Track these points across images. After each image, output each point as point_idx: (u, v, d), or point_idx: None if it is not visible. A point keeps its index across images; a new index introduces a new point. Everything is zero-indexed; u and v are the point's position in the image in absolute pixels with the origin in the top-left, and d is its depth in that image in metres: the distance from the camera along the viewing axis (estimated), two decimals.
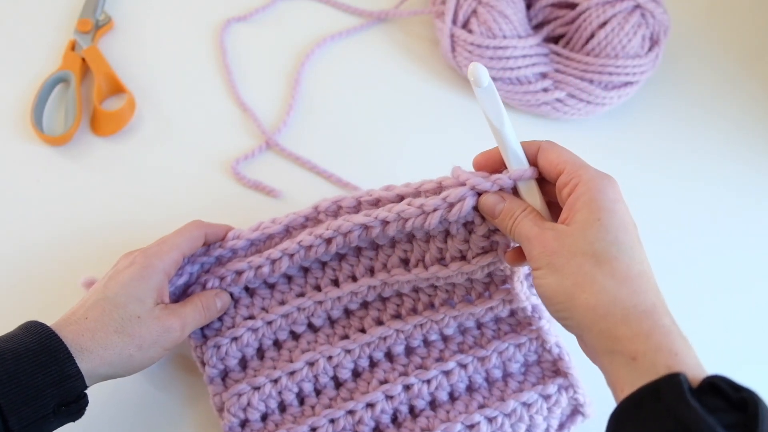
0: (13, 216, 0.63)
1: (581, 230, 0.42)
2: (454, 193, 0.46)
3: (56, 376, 0.43)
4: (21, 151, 0.66)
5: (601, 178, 0.44)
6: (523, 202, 0.46)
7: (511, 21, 0.68)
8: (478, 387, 0.54)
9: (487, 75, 0.45)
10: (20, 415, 0.41)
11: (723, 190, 0.69)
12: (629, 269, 0.41)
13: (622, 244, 0.41)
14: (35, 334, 0.44)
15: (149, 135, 0.68)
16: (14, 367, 0.42)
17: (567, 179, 0.44)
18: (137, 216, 0.64)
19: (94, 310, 0.47)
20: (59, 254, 0.61)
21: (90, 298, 0.48)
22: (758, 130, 0.73)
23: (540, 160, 0.46)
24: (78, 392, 0.44)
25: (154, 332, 0.48)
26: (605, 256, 0.41)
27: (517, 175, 0.46)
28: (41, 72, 0.70)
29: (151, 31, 0.74)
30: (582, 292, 0.41)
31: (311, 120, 0.70)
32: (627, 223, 0.42)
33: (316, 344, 0.55)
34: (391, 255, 0.53)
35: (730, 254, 0.66)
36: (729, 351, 0.61)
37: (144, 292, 0.48)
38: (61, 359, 0.43)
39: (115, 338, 0.46)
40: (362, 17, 0.77)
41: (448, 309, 0.54)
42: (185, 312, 0.51)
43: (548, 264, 0.42)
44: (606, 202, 0.42)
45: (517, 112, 0.72)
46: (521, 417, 0.52)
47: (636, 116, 0.73)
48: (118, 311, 0.47)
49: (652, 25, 0.68)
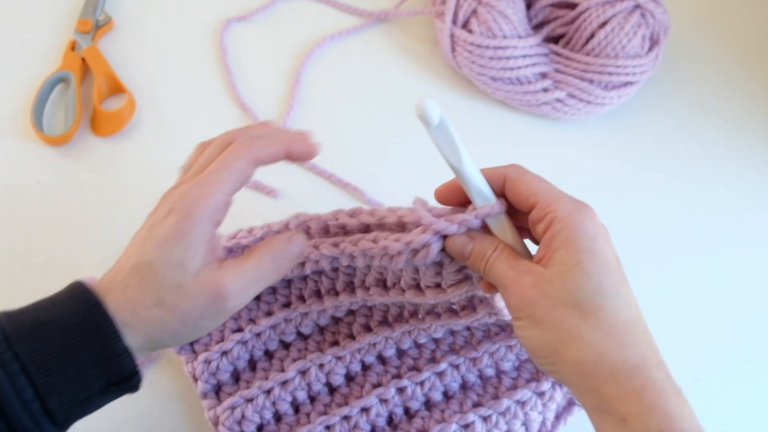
0: (13, 216, 0.63)
1: (560, 276, 0.38)
2: (417, 239, 0.43)
3: (100, 353, 0.38)
4: (21, 151, 0.66)
5: (578, 210, 0.40)
6: (494, 240, 0.42)
7: (511, 21, 0.68)
8: (472, 385, 0.54)
9: (437, 112, 0.41)
10: (62, 398, 0.37)
11: (723, 189, 0.69)
12: (615, 319, 0.38)
13: (607, 291, 0.38)
14: (78, 303, 0.39)
15: (149, 135, 0.68)
16: (52, 344, 0.37)
17: (541, 214, 0.40)
18: (137, 216, 0.63)
19: (133, 277, 0.40)
20: (59, 254, 0.61)
21: (130, 258, 0.41)
22: (758, 130, 0.73)
23: (508, 192, 0.43)
24: (127, 371, 0.39)
25: (199, 303, 0.40)
26: (589, 307, 0.38)
27: (484, 213, 0.42)
28: (41, 72, 0.70)
29: (151, 31, 0.74)
30: (567, 349, 0.38)
31: (311, 120, 0.70)
32: (610, 263, 0.39)
33: (307, 352, 0.54)
34: (368, 274, 0.51)
35: (730, 254, 0.66)
36: (728, 351, 0.61)
37: (183, 253, 0.39)
38: (105, 335, 0.38)
39: (156, 312, 0.39)
40: (362, 17, 0.77)
41: (434, 318, 0.52)
42: (244, 271, 0.41)
43: (528, 316, 0.39)
44: (585, 241, 0.39)
45: (517, 112, 0.72)
46: (516, 414, 0.52)
47: (636, 116, 0.73)
48: (155, 280, 0.39)
49: (652, 25, 0.68)
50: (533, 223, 0.41)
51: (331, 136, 0.70)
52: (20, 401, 0.36)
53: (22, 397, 0.36)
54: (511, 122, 0.71)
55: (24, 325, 0.37)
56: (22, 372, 0.36)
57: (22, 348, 0.36)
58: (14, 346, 0.36)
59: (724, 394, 0.60)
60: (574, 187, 0.68)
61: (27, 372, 0.36)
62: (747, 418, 0.59)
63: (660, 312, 0.62)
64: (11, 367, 0.36)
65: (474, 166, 0.42)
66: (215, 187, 0.40)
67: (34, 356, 0.36)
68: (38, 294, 0.60)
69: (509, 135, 0.71)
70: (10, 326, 0.37)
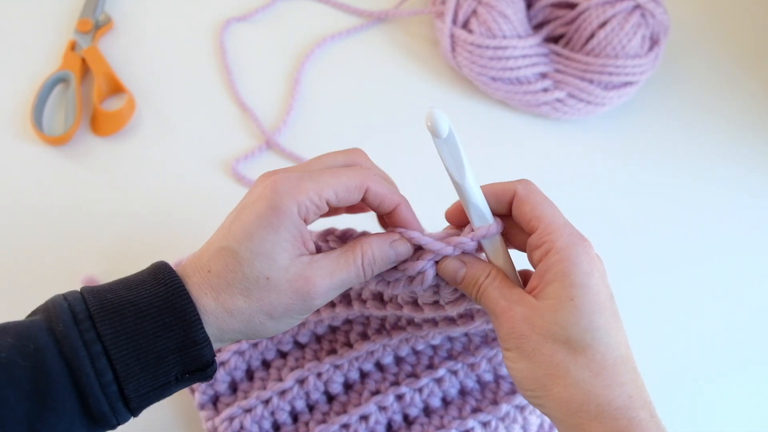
0: (13, 216, 0.63)
1: (552, 311, 0.38)
2: (412, 266, 0.42)
3: (180, 340, 0.37)
4: (21, 151, 0.66)
5: (575, 244, 0.39)
6: (486, 265, 0.42)
7: (511, 21, 0.68)
8: (471, 390, 0.54)
9: (447, 123, 0.40)
10: (139, 382, 0.36)
11: (723, 189, 0.69)
12: (605, 358, 0.38)
13: (598, 329, 0.38)
14: (162, 285, 0.38)
15: (149, 135, 0.68)
16: (134, 327, 0.36)
17: (539, 241, 0.40)
18: (137, 216, 0.64)
19: (217, 262, 0.38)
20: (59, 254, 0.61)
21: (216, 241, 0.39)
22: (758, 130, 0.73)
23: (514, 210, 0.42)
24: (205, 360, 0.38)
25: (286, 299, 0.39)
26: (579, 345, 0.38)
27: (480, 235, 0.41)
28: (41, 72, 0.70)
29: (151, 31, 0.74)
30: (554, 384, 0.38)
31: (311, 119, 0.70)
32: (603, 301, 0.38)
33: (304, 360, 0.54)
34: (365, 287, 0.50)
35: (730, 253, 0.66)
36: (728, 351, 0.61)
37: (273, 245, 0.38)
38: (187, 322, 0.37)
39: (240, 302, 0.38)
40: (362, 17, 0.77)
41: (431, 326, 0.51)
42: (334, 270, 0.40)
43: (517, 348, 0.39)
44: (580, 277, 0.38)
45: (517, 112, 0.72)
46: (515, 419, 0.52)
47: (636, 116, 0.73)
48: (242, 269, 0.38)
49: (652, 25, 0.68)
50: (530, 248, 0.41)
51: (332, 135, 0.70)
52: (99, 383, 0.35)
53: (101, 379, 0.36)
54: (511, 122, 0.71)
55: (108, 303, 0.37)
56: (103, 354, 0.36)
57: (106, 328, 0.36)
58: (98, 326, 0.36)
59: (725, 394, 0.60)
60: (574, 187, 0.68)
61: (108, 354, 0.36)
62: (747, 418, 0.59)
63: (660, 312, 0.63)
64: (94, 348, 0.36)
65: (476, 183, 0.41)
66: (313, 185, 0.39)
67: (117, 338, 0.36)
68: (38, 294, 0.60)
69: (509, 135, 0.71)
70: (96, 303, 0.37)
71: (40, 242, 0.62)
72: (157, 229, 0.63)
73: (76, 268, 0.60)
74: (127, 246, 0.62)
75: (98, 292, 0.38)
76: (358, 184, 0.40)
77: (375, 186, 0.41)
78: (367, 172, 0.41)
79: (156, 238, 0.57)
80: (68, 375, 0.35)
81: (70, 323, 0.36)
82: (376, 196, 0.41)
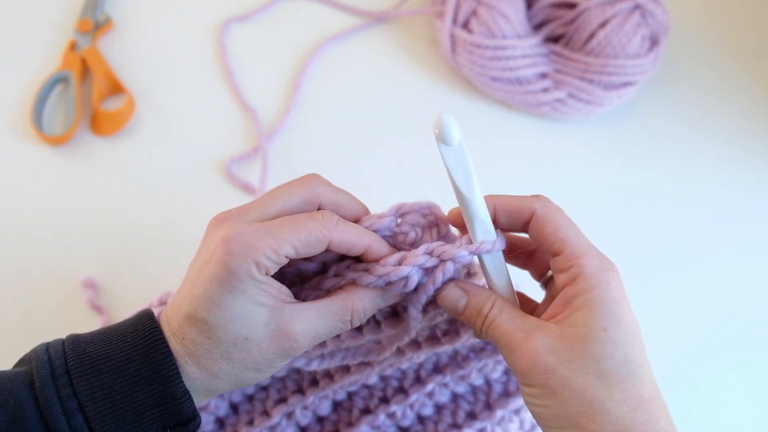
0: (13, 216, 0.63)
1: (582, 341, 0.35)
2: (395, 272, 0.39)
3: (159, 396, 0.36)
4: (21, 151, 0.66)
5: (605, 271, 0.37)
6: (490, 294, 0.39)
7: (511, 21, 0.68)
8: (463, 394, 0.53)
9: (458, 131, 0.37)
10: None
11: (723, 189, 0.69)
12: (640, 393, 0.36)
13: (632, 362, 0.36)
14: (142, 337, 0.37)
15: (149, 135, 0.68)
16: (111, 383, 0.36)
17: (565, 265, 0.37)
18: (137, 215, 0.64)
19: (190, 330, 0.37)
20: (59, 254, 0.61)
21: (182, 303, 0.37)
22: (758, 131, 0.73)
23: (532, 230, 0.39)
24: (185, 415, 0.37)
25: (269, 354, 0.37)
26: (614, 379, 0.35)
27: (485, 249, 0.39)
28: (41, 72, 0.70)
29: (151, 32, 0.74)
30: (590, 422, 0.35)
31: (311, 120, 0.70)
32: (633, 331, 0.36)
33: (287, 391, 0.52)
34: None
35: (729, 254, 0.66)
36: (727, 351, 0.61)
37: (243, 306, 0.36)
38: (165, 377, 0.36)
39: (224, 365, 0.37)
40: (362, 17, 0.77)
41: (415, 348, 0.48)
42: (318, 324, 0.38)
43: (542, 384, 0.36)
44: (613, 306, 0.36)
45: (517, 112, 0.72)
46: (511, 419, 0.52)
47: (636, 116, 0.73)
48: (217, 335, 0.36)
49: (652, 25, 0.68)
50: (555, 271, 0.38)
51: (332, 135, 0.70)
52: None
53: None
54: (511, 122, 0.71)
55: (87, 358, 0.37)
56: (79, 411, 0.35)
57: (83, 384, 0.36)
58: (74, 382, 0.36)
59: (722, 394, 0.60)
60: (574, 187, 0.68)
61: (83, 411, 0.35)
62: (746, 418, 0.59)
63: (660, 311, 0.62)
64: (69, 405, 0.35)
65: (482, 197, 0.39)
66: (270, 242, 0.36)
67: (93, 394, 0.36)
68: (38, 293, 0.61)
69: (509, 135, 0.71)
70: (74, 358, 0.37)
71: (40, 242, 0.62)
72: (157, 228, 0.63)
73: (75, 267, 0.60)
74: (126, 246, 0.62)
75: (79, 345, 0.37)
76: (319, 238, 0.37)
77: (339, 236, 0.38)
78: (329, 220, 0.38)
79: (156, 237, 0.57)
80: (45, 431, 0.35)
81: (47, 378, 0.36)
82: (341, 245, 0.38)
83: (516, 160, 0.69)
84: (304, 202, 0.39)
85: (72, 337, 0.38)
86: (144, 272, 0.61)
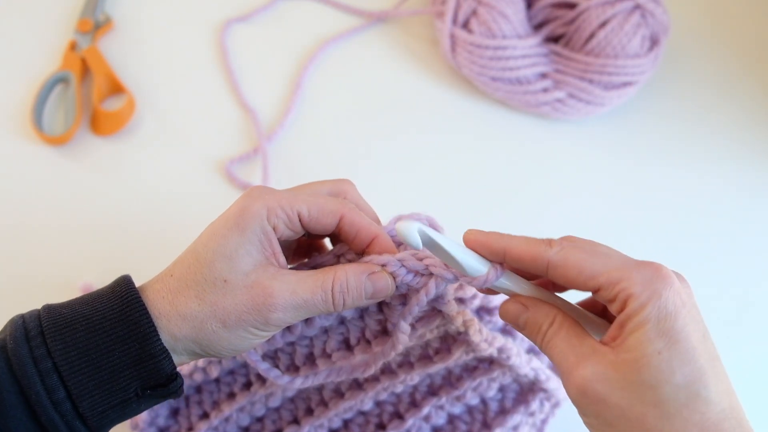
0: (13, 216, 0.63)
1: (636, 367, 0.32)
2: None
3: (136, 354, 0.35)
4: (21, 151, 0.66)
5: (653, 280, 0.34)
6: (550, 310, 0.37)
7: (511, 21, 0.68)
8: (459, 414, 0.52)
9: (416, 235, 0.35)
10: (94, 399, 0.35)
11: (723, 189, 0.69)
12: (704, 418, 0.32)
13: (693, 383, 0.32)
14: (117, 297, 0.36)
15: (149, 135, 0.68)
16: (86, 341, 0.35)
17: (609, 297, 0.34)
18: (137, 215, 0.64)
19: (180, 265, 0.37)
20: (59, 254, 0.61)
21: (190, 246, 0.39)
22: (758, 130, 0.73)
23: (556, 279, 0.36)
24: (164, 374, 0.36)
25: (241, 306, 0.36)
26: (673, 406, 0.32)
27: (479, 284, 0.37)
28: (41, 72, 0.70)
29: (151, 31, 0.74)
30: None
31: (311, 121, 0.70)
32: (695, 347, 0.33)
33: (282, 422, 0.52)
34: (329, 340, 0.46)
35: (730, 253, 0.66)
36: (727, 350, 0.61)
37: (237, 246, 0.36)
38: (142, 334, 0.35)
39: (194, 305, 0.36)
40: (362, 17, 0.77)
41: (408, 369, 0.48)
42: (299, 288, 0.37)
43: (596, 414, 0.34)
44: (665, 322, 0.33)
45: (517, 112, 0.72)
46: None
47: (636, 116, 0.73)
48: (202, 270, 0.37)
49: (652, 25, 0.68)
50: (604, 303, 0.36)
51: (332, 135, 0.70)
52: (51, 401, 0.34)
53: (53, 396, 0.34)
54: (511, 122, 0.71)
55: (61, 319, 0.36)
56: (54, 370, 0.34)
57: (57, 343, 0.35)
58: (48, 341, 0.35)
59: None
60: (574, 187, 0.68)
61: (58, 370, 0.34)
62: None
63: None
64: (43, 365, 0.34)
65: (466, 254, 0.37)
66: (287, 195, 0.38)
67: (68, 353, 0.35)
68: (37, 293, 0.61)
69: (509, 135, 0.71)
70: (48, 319, 0.36)
71: (40, 241, 0.62)
72: (157, 228, 0.63)
73: (75, 268, 0.60)
74: (126, 245, 0.62)
75: (54, 309, 0.37)
76: (333, 209, 0.38)
77: (351, 215, 0.39)
78: (346, 202, 0.39)
79: (156, 237, 0.57)
80: (19, 393, 0.34)
81: (21, 340, 0.35)
82: (352, 225, 0.39)
83: (516, 160, 0.69)
84: (330, 193, 0.41)
85: (48, 305, 0.38)
86: (144, 272, 0.61)
